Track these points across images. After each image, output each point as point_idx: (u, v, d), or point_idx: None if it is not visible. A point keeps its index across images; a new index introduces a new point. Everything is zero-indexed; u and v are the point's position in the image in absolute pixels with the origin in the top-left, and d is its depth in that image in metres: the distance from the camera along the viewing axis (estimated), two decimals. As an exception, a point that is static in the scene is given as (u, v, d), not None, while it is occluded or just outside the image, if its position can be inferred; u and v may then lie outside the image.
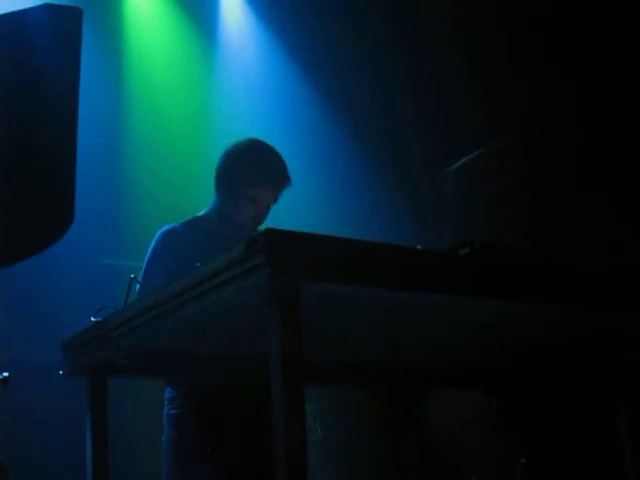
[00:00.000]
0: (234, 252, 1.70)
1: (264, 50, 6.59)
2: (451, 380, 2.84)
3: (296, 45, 6.38)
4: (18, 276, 2.74)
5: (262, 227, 3.36)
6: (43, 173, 2.34)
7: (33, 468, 4.28)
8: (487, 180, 2.31)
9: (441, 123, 5.30)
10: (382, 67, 5.87)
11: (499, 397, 2.92)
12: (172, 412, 3.34)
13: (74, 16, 2.43)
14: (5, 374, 2.43)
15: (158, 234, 3.44)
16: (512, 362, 2.70)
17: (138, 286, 2.93)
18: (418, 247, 1.93)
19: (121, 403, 3.33)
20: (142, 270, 3.39)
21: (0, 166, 2.28)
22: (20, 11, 2.36)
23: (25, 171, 2.32)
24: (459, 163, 2.28)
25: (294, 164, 3.48)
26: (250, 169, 3.43)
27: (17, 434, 4.58)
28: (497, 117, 4.65)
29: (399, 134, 5.73)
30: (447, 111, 5.28)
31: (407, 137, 5.63)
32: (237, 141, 3.53)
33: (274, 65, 6.52)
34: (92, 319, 2.29)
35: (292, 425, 1.65)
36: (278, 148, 3.52)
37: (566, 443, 3.00)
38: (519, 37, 4.67)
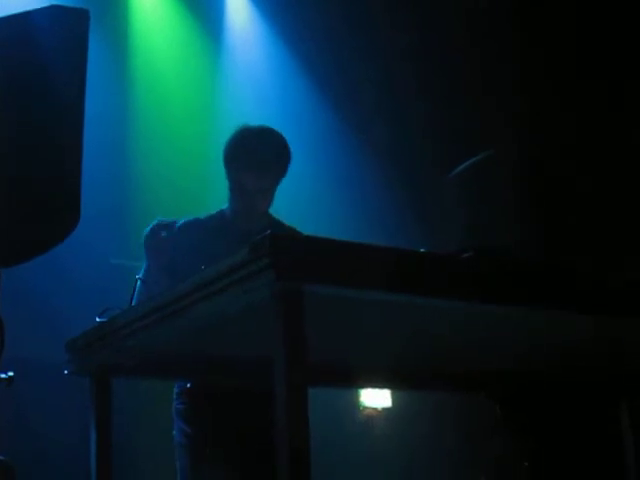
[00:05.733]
0: (238, 255, 1.71)
1: (270, 50, 6.60)
2: (453, 383, 2.84)
3: (302, 45, 6.38)
4: (25, 275, 2.74)
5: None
6: (48, 172, 2.34)
7: (36, 468, 4.28)
8: (490, 183, 2.31)
9: (450, 127, 5.30)
10: (390, 69, 5.87)
11: (502, 400, 2.93)
12: (179, 407, 3.32)
13: (81, 17, 2.42)
14: (10, 373, 2.43)
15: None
16: (514, 365, 2.70)
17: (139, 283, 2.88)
18: (421, 250, 1.94)
19: (123, 403, 3.34)
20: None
21: (5, 166, 2.28)
22: (27, 12, 2.36)
23: (30, 171, 2.32)
24: (461, 167, 2.28)
25: (298, 165, 3.44)
26: (232, 153, 3.28)
27: (21, 433, 4.60)
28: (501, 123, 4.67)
29: (406, 137, 5.73)
30: (456, 115, 5.28)
31: (414, 141, 5.63)
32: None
33: (280, 65, 6.53)
34: (97, 319, 2.30)
35: (295, 426, 1.66)
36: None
37: (569, 446, 3.01)
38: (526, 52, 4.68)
